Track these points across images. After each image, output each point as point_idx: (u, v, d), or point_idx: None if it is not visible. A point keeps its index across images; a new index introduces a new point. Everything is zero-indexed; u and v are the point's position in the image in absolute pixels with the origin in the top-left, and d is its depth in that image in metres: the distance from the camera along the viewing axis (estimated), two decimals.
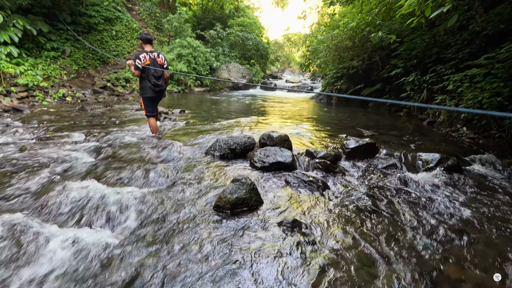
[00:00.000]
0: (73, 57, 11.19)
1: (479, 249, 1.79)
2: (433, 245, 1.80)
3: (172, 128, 4.84)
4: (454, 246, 1.82)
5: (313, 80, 23.09)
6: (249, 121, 5.72)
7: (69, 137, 4.10)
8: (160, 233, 1.83)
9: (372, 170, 3.04)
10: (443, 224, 2.06)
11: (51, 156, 3.07)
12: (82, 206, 2.04)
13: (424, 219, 2.13)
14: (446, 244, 1.83)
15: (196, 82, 15.45)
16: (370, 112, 8.30)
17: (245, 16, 24.24)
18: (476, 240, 1.88)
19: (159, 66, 4.00)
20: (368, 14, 7.13)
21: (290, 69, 36.79)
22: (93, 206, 2.04)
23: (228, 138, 3.45)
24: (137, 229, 1.88)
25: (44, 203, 2.10)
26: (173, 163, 3.05)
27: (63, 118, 5.60)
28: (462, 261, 1.68)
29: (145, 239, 1.77)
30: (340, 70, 11.00)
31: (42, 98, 7.90)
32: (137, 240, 1.76)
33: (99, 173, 2.68)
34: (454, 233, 1.95)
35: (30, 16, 9.81)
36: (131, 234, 1.82)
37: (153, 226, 1.91)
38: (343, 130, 4.96)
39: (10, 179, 2.49)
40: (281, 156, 2.93)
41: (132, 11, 16.06)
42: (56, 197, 2.11)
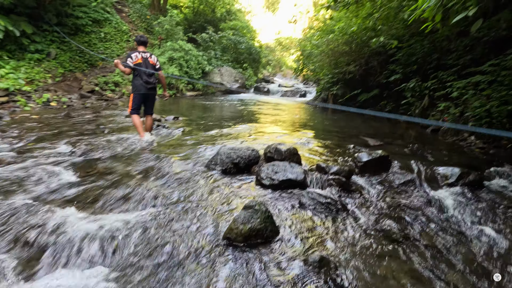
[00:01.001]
0: (59, 59, 10.66)
1: None
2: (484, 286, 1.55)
3: (167, 137, 4.49)
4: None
5: (306, 84, 23.01)
6: (247, 129, 5.43)
7: (52, 148, 3.71)
8: (157, 279, 1.51)
9: (390, 187, 2.78)
10: (479, 256, 1.81)
11: (28, 174, 2.69)
12: (57, 245, 1.69)
13: (461, 249, 1.88)
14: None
15: (188, 86, 15.08)
16: (368, 119, 8.13)
17: (237, 20, 24.03)
18: None
19: (150, 66, 4.19)
20: (368, 19, 6.97)
21: (281, 73, 36.75)
22: (68, 244, 1.70)
23: (230, 151, 3.15)
24: (126, 273, 1.54)
25: (11, 238, 1.75)
26: (169, 181, 2.72)
27: (46, 126, 5.17)
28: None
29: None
30: (336, 75, 10.86)
31: (24, 103, 7.40)
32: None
33: (81, 196, 2.33)
34: (497, 268, 1.70)
35: (13, 16, 9.29)
36: (116, 282, 1.48)
37: (146, 268, 1.58)
38: (347, 140, 4.73)
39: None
40: (292, 173, 2.65)
41: (121, 13, 15.59)
42: (28, 231, 1.76)
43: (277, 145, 3.16)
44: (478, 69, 5.34)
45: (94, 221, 1.93)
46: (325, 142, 4.49)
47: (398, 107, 7.80)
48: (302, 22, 41.99)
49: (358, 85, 9.97)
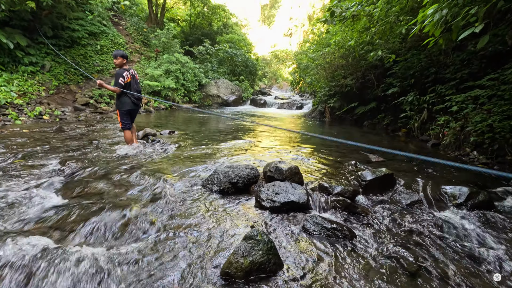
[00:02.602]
0: (53, 72, 10.54)
1: None
2: None
3: (161, 154, 4.32)
4: None
5: (302, 96, 23.12)
6: (244, 144, 5.29)
7: (40, 166, 3.51)
8: None
9: (397, 208, 2.64)
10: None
11: (10, 195, 2.50)
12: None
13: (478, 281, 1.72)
14: None
15: (184, 99, 14.99)
16: (366, 132, 8.06)
17: (233, 33, 24.30)
18: None
19: (137, 81, 4.40)
20: (365, 33, 7.00)
21: (277, 85, 37.05)
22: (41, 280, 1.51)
23: (228, 169, 2.99)
24: None
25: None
26: (162, 204, 2.54)
27: (36, 141, 4.98)
28: None
29: None
30: (332, 87, 10.86)
31: (16, 117, 7.20)
32: None
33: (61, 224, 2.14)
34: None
35: (7, 29, 9.20)
36: None
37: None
38: (348, 155, 4.61)
39: None
40: (294, 194, 2.50)
41: (118, 26, 15.63)
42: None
43: (277, 163, 3.02)
44: (477, 83, 5.32)
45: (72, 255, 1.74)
46: (326, 158, 4.36)
47: (396, 120, 7.75)
48: (297, 35, 42.74)
49: (355, 98, 9.97)
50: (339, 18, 8.30)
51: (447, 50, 6.57)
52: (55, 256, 1.75)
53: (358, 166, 3.83)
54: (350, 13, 7.00)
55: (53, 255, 1.75)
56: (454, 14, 2.71)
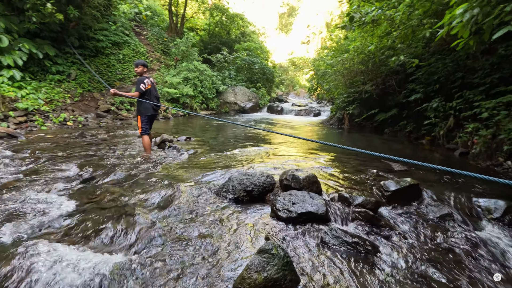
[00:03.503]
0: (78, 80, 10.99)
1: None
2: None
3: (177, 160, 4.31)
4: None
5: (320, 103, 22.84)
6: (261, 151, 5.20)
7: (60, 171, 3.58)
8: None
9: (425, 222, 2.44)
10: None
11: (30, 201, 2.54)
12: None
13: None
14: None
15: (202, 106, 15.18)
16: (387, 140, 7.76)
17: (251, 41, 24.55)
18: None
19: (156, 89, 4.67)
20: (386, 38, 6.79)
21: (294, 92, 36.88)
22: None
23: (243, 177, 2.91)
24: None
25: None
26: (175, 211, 2.49)
27: (58, 146, 5.13)
28: None
29: None
30: (351, 94, 10.61)
31: (42, 123, 7.52)
32: None
33: (75, 230, 2.12)
34: None
35: (38, 40, 9.72)
36: None
37: None
38: (369, 163, 4.40)
39: None
40: (312, 205, 2.36)
41: (140, 36, 16.19)
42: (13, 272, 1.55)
43: (294, 171, 2.90)
44: (510, 88, 4.98)
45: (84, 262, 1.70)
46: (345, 166, 4.18)
47: (419, 128, 7.41)
48: (315, 42, 42.57)
49: (375, 104, 9.67)
50: (359, 23, 8.13)
51: (475, 54, 6.22)
52: (68, 263, 1.72)
53: (380, 175, 3.63)
54: (370, 17, 6.83)
55: (67, 261, 1.72)
56: (486, 13, 2.52)
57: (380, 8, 6.72)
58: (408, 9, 5.83)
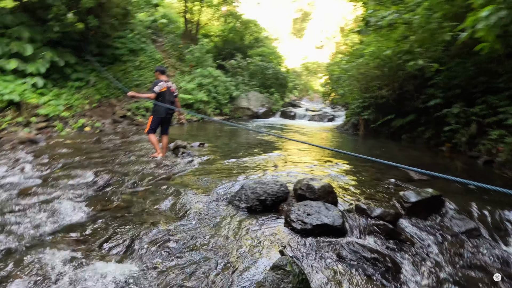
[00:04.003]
0: (96, 86, 11.30)
1: None
2: None
3: (190, 167, 4.31)
4: None
5: (334, 108, 22.54)
6: (274, 157, 5.13)
7: (76, 176, 3.64)
8: None
9: (449, 237, 2.30)
10: None
11: (45, 207, 2.57)
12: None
13: None
14: None
15: (216, 111, 15.29)
16: (405, 146, 7.52)
17: (264, 46, 24.64)
18: None
19: (172, 94, 4.82)
20: (403, 42, 6.62)
21: (308, 97, 36.62)
22: None
23: (256, 185, 2.85)
24: None
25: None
26: (187, 220, 2.46)
27: (76, 152, 5.25)
28: None
29: None
30: (367, 99, 10.39)
31: (61, 128, 7.76)
32: None
33: (87, 237, 2.13)
34: None
35: (60, 49, 10.09)
36: None
37: None
38: (386, 172, 4.24)
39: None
40: (328, 216, 2.28)
41: (156, 43, 16.56)
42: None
43: (308, 180, 2.82)
44: None
45: (93, 271, 1.69)
46: (361, 175, 4.05)
47: (438, 134, 7.14)
48: (329, 47, 42.30)
49: (391, 110, 9.41)
50: (374, 27, 8.00)
51: (499, 57, 5.95)
52: (80, 271, 1.71)
53: (398, 184, 3.48)
54: (386, 21, 6.69)
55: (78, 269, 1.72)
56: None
57: (397, 11, 6.58)
58: (427, 12, 5.67)
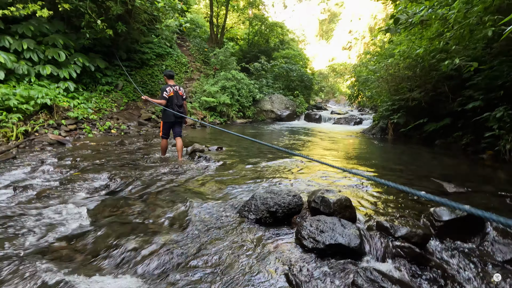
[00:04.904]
0: (124, 90, 11.75)
1: None
2: None
3: (204, 172, 4.20)
4: None
5: (361, 111, 21.69)
6: (292, 163, 4.89)
7: (92, 180, 3.68)
8: None
9: (490, 266, 1.94)
10: None
11: (54, 211, 2.56)
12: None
13: None
14: None
15: (238, 114, 15.28)
16: (439, 153, 6.91)
17: (289, 49, 24.35)
18: None
19: (180, 97, 4.89)
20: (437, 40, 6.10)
21: (334, 99, 35.70)
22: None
23: (267, 195, 2.65)
24: None
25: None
26: (193, 231, 2.32)
27: (98, 154, 5.37)
28: None
29: None
30: (396, 102, 9.78)
31: (89, 131, 8.07)
32: None
33: (89, 244, 2.06)
34: None
35: (91, 54, 10.60)
36: None
37: None
38: (416, 183, 3.85)
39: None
40: (343, 235, 2.02)
41: (182, 47, 16.96)
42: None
43: (324, 192, 2.56)
44: None
45: (87, 283, 1.58)
46: (385, 186, 3.69)
47: (478, 140, 6.47)
48: (357, 48, 41.01)
49: (423, 113, 8.75)
50: (405, 25, 7.48)
51: None
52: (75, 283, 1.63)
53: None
54: (418, 18, 6.19)
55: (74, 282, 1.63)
56: None
57: (430, 7, 6.06)
58: (464, 6, 5.14)
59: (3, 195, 3.15)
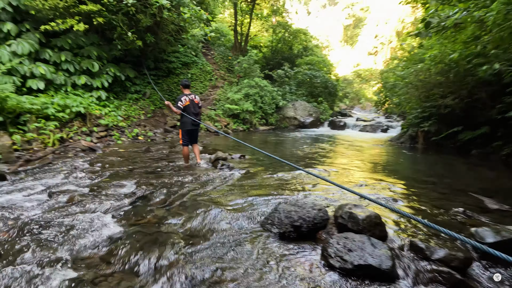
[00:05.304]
0: (151, 98, 12.17)
1: None
2: None
3: (227, 181, 4.19)
4: None
5: (388, 118, 20.89)
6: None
7: (119, 186, 3.79)
8: None
9: None
10: None
11: (83, 219, 2.65)
12: None
13: None
14: None
15: (261, 121, 15.28)
16: (475, 164, 6.43)
17: (313, 55, 24.11)
18: None
19: (196, 105, 5.07)
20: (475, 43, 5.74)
21: (360, 106, 34.78)
22: None
23: (291, 208, 2.57)
24: None
25: None
26: (213, 244, 2.29)
27: (125, 161, 5.56)
28: None
29: None
30: (427, 109, 9.30)
31: (118, 137, 8.41)
32: None
33: (114, 253, 2.08)
34: None
35: (122, 64, 11.13)
36: None
37: None
38: (452, 198, 3.58)
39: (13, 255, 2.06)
40: (373, 256, 1.89)
41: (207, 56, 17.37)
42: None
43: (351, 207, 2.44)
44: None
45: None
46: (419, 199, 3.46)
47: None
48: (383, 53, 39.87)
49: (458, 121, 8.24)
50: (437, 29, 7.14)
51: None
52: None
53: (468, 215, 2.86)
54: (452, 21, 5.88)
55: None
56: None
57: (465, 9, 5.73)
58: (504, 7, 4.79)
59: (39, 200, 3.32)
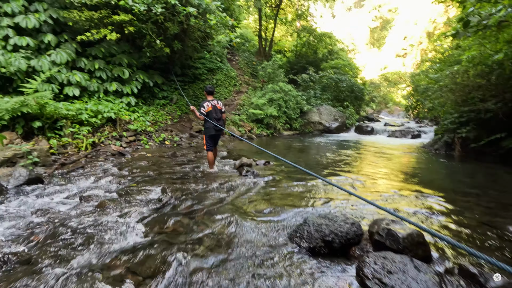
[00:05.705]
0: (178, 103, 12.46)
1: None
2: None
3: (252, 189, 4.09)
4: None
5: (419, 123, 19.86)
6: (346, 183, 4.53)
7: (146, 192, 3.82)
8: None
9: None
10: None
11: (111, 225, 2.67)
12: None
13: None
14: None
15: (285, 126, 15.12)
16: None
17: (338, 59, 23.62)
18: None
19: (218, 111, 5.13)
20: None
21: (387, 110, 33.45)
22: None
23: (321, 221, 2.42)
24: None
25: None
26: (239, 256, 2.19)
27: (152, 166, 5.66)
28: None
29: None
30: (465, 113, 8.68)
31: (146, 142, 8.65)
32: None
33: (138, 263, 2.07)
34: None
35: (150, 71, 11.51)
36: None
37: None
38: (500, 212, 3.23)
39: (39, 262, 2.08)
40: (418, 280, 1.69)
41: (232, 61, 17.56)
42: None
43: (389, 223, 2.24)
44: None
45: None
46: (463, 214, 3.15)
47: None
48: (412, 55, 38.23)
49: (501, 126, 7.58)
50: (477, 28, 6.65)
51: None
52: None
53: None
54: (495, 19, 5.43)
55: None
56: None
57: (510, 6, 5.28)
58: None
59: (71, 204, 3.42)
